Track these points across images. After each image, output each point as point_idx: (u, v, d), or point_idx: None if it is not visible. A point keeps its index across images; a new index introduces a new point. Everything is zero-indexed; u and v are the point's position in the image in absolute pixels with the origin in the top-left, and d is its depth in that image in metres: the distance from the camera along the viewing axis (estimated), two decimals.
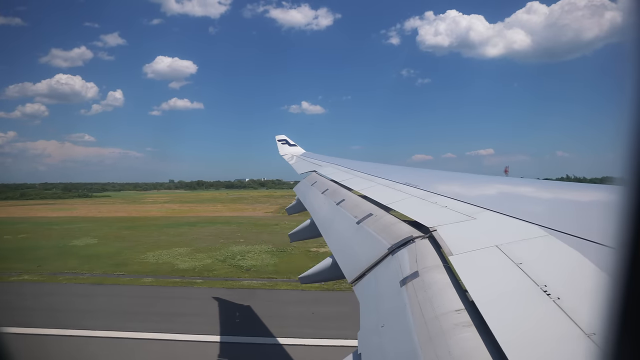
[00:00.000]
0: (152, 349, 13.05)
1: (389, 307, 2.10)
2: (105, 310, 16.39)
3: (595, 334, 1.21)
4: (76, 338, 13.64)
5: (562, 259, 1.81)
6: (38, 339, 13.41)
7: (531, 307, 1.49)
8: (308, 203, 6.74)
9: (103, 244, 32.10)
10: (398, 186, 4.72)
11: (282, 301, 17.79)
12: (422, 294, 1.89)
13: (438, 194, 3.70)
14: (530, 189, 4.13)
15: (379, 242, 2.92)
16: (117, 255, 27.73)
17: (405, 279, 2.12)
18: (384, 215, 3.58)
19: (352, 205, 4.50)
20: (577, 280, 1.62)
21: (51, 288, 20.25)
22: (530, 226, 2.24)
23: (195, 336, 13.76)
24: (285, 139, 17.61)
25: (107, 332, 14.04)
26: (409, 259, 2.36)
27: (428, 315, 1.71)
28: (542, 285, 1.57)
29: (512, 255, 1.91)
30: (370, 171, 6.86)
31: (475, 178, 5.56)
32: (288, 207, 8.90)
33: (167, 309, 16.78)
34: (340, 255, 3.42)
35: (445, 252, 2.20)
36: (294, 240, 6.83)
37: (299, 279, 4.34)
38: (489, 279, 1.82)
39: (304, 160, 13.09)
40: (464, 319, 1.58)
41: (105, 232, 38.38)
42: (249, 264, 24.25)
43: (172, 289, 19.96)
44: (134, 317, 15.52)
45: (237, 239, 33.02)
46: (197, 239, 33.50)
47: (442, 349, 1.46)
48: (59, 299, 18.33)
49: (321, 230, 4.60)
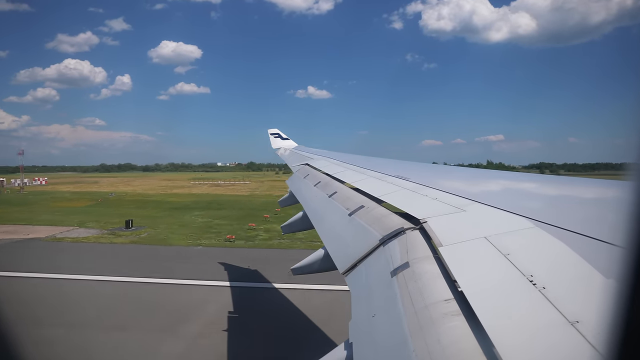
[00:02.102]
0: None
1: (380, 297, 2.13)
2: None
3: (579, 322, 1.26)
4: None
5: (547, 250, 1.86)
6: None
7: (518, 297, 1.53)
8: (300, 196, 6.75)
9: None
10: (389, 179, 4.75)
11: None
12: (413, 284, 1.92)
13: (429, 187, 3.74)
14: (519, 182, 4.20)
15: (370, 233, 2.95)
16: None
17: (396, 269, 2.15)
18: (375, 207, 3.61)
19: (344, 198, 4.53)
20: (562, 270, 1.67)
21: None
22: (518, 218, 2.29)
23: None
24: (278, 132, 17.51)
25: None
26: (400, 250, 2.39)
27: (418, 305, 1.74)
28: (528, 275, 1.61)
29: (500, 246, 1.95)
30: (362, 164, 6.88)
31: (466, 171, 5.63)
32: (280, 199, 8.90)
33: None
34: (332, 246, 3.45)
35: (435, 244, 2.24)
36: (286, 233, 6.84)
37: (291, 270, 4.36)
38: (478, 270, 1.86)
39: (297, 154, 13.06)
40: (452, 309, 1.61)
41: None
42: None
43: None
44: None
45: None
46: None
47: (432, 337, 1.49)
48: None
49: (313, 223, 4.62)
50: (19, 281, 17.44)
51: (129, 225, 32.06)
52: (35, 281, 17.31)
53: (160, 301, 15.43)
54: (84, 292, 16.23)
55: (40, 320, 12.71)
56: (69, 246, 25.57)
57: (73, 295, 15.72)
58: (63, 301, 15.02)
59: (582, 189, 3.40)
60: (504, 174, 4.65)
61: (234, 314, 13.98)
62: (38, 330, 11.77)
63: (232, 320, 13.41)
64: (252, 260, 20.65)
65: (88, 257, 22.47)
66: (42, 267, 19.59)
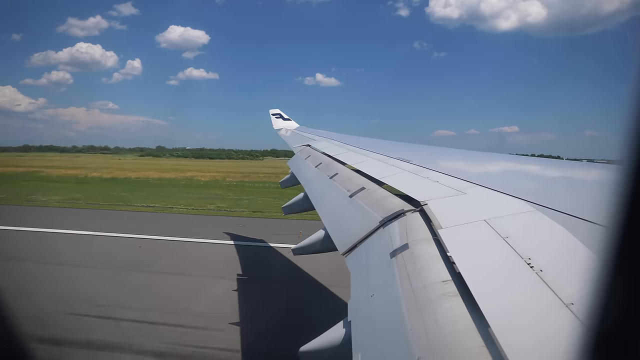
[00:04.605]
0: None
1: (379, 277, 2.17)
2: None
3: (574, 304, 1.28)
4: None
5: (546, 234, 1.87)
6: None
7: (515, 279, 1.55)
8: (301, 176, 6.76)
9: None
10: (391, 161, 4.74)
11: None
12: (411, 266, 1.95)
13: (430, 169, 3.73)
14: (520, 165, 4.19)
15: (370, 215, 2.97)
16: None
17: (395, 250, 2.18)
18: (376, 189, 3.62)
19: (345, 179, 4.53)
20: (560, 253, 1.69)
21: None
22: (519, 202, 2.29)
23: None
24: (279, 112, 17.36)
25: None
26: (400, 231, 2.41)
27: (416, 285, 1.77)
28: (526, 258, 1.63)
29: (499, 229, 1.96)
30: (364, 146, 6.85)
31: (468, 154, 5.60)
32: (282, 180, 8.91)
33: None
34: (333, 227, 3.48)
35: (435, 226, 2.25)
36: (287, 213, 6.89)
37: (292, 250, 4.42)
38: (476, 252, 1.88)
39: (298, 135, 12.98)
40: (450, 289, 1.64)
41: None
42: None
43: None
44: None
45: None
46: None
47: (429, 317, 1.52)
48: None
49: (314, 204, 4.64)
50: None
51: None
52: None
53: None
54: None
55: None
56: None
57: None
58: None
59: (583, 172, 3.39)
60: (505, 157, 4.63)
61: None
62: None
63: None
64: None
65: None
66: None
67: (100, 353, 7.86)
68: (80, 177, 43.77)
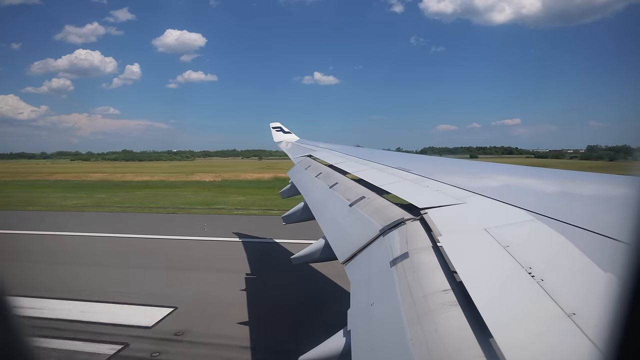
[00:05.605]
0: None
1: (378, 286, 2.15)
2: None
3: (575, 314, 1.27)
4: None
5: (547, 243, 1.86)
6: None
7: (516, 288, 1.54)
8: (302, 186, 6.75)
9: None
10: (391, 170, 4.75)
11: None
12: (411, 275, 1.93)
13: (430, 179, 3.73)
14: (519, 175, 4.19)
15: (370, 223, 2.96)
16: None
17: (395, 259, 2.17)
18: (376, 198, 3.61)
19: (345, 188, 4.53)
20: (560, 262, 1.68)
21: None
22: (518, 211, 2.29)
23: None
24: (280, 126, 17.46)
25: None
26: (400, 240, 2.40)
27: (416, 294, 1.75)
28: (527, 267, 1.62)
29: (499, 238, 1.96)
30: (363, 156, 6.88)
31: (467, 164, 5.62)
32: (282, 190, 8.90)
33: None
34: (333, 236, 3.46)
35: (435, 234, 2.24)
36: (287, 223, 6.85)
37: (291, 259, 4.39)
38: (477, 261, 1.87)
39: (299, 147, 13.04)
40: (450, 299, 1.63)
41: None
42: None
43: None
44: None
45: None
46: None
47: (429, 326, 1.51)
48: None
49: (314, 213, 4.63)
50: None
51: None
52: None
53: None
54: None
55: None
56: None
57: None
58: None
59: (583, 183, 3.39)
60: (505, 167, 4.64)
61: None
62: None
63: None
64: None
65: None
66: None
67: None
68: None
